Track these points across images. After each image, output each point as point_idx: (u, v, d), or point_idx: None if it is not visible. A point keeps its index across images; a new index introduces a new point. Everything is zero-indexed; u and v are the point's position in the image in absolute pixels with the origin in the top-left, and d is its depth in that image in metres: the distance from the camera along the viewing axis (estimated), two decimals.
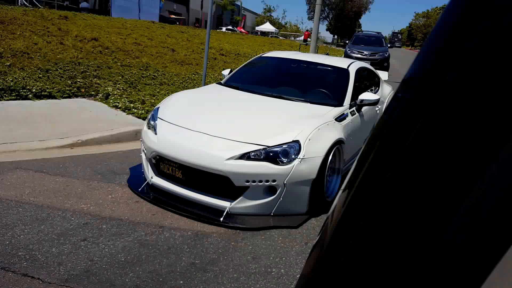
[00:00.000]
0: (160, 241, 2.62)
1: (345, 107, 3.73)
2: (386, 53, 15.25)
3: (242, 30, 50.19)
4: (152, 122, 3.48)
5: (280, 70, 4.65)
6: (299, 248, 2.69)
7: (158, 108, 3.64)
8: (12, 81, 6.14)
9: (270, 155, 2.92)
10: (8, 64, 7.00)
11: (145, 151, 3.35)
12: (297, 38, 55.87)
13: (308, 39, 35.05)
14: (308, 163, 2.94)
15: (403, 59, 31.32)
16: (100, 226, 2.73)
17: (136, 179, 3.50)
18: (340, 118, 3.53)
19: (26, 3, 24.45)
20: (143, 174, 3.54)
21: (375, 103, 3.88)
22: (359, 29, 57.44)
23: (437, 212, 0.37)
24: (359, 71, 4.39)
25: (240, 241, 2.71)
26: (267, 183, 2.90)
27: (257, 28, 60.50)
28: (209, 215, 2.96)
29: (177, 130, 3.20)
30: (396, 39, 64.96)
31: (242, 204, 2.96)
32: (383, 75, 5.53)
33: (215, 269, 2.37)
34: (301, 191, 2.98)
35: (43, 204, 2.94)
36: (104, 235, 2.62)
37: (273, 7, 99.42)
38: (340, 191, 0.51)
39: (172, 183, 3.21)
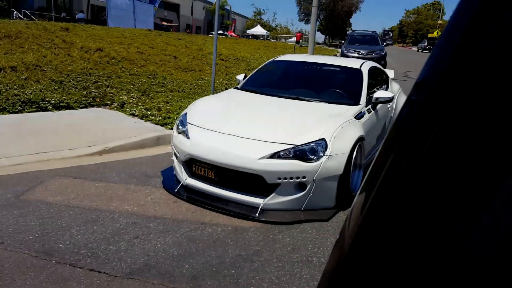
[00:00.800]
0: (205, 236, 2.85)
1: (361, 106, 3.98)
2: (383, 52, 15.57)
3: (233, 34, 50.42)
4: (181, 128, 3.71)
5: (294, 73, 4.90)
6: (333, 239, 2.93)
7: (185, 114, 3.86)
8: (31, 93, 6.33)
9: (299, 153, 3.16)
10: (24, 77, 7.19)
11: (178, 155, 3.57)
12: (288, 40, 56.27)
13: (300, 40, 35.46)
14: (334, 159, 3.18)
15: (396, 56, 31.75)
16: (147, 224, 2.95)
17: (169, 181, 3.72)
18: (359, 116, 3.78)
19: (20, 16, 24.59)
20: (175, 176, 3.77)
21: (389, 100, 4.14)
22: (350, 29, 57.99)
23: (459, 219, 0.36)
24: (371, 70, 4.65)
25: (278, 234, 2.95)
26: (298, 180, 3.14)
27: (248, 31, 60.77)
28: (245, 211, 3.19)
29: (209, 133, 3.43)
30: (387, 37, 65.65)
31: (274, 200, 3.19)
32: (389, 73, 5.79)
33: (260, 259, 2.60)
34: (329, 186, 3.22)
35: (90, 207, 3.16)
36: (153, 232, 2.85)
37: (263, 10, 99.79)
38: (358, 193, 0.53)
39: (205, 183, 3.44)
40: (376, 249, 0.43)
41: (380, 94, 4.16)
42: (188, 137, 3.50)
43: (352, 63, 4.78)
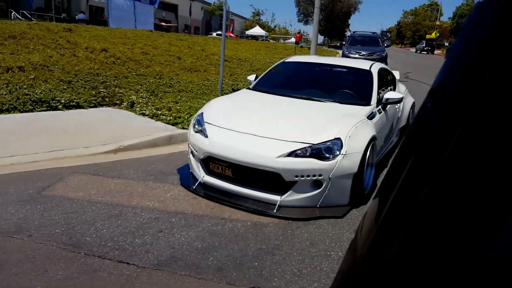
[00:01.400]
0: (226, 231, 2.94)
1: (373, 106, 4.08)
2: (384, 53, 15.70)
3: (231, 35, 50.57)
4: (198, 127, 3.80)
5: (305, 74, 5.01)
6: (349, 234, 3.03)
7: (201, 113, 3.95)
8: (40, 93, 6.40)
9: (316, 152, 3.26)
10: (32, 77, 7.26)
11: (196, 153, 3.66)
12: (287, 41, 56.44)
13: (300, 41, 35.60)
14: (350, 158, 3.28)
15: (395, 57, 31.95)
16: (170, 219, 3.04)
17: (186, 179, 3.81)
18: (371, 116, 3.88)
19: (19, 16, 24.62)
20: (191, 174, 3.85)
21: (399, 101, 4.25)
22: (348, 30, 58.20)
23: (480, 228, 0.35)
24: (380, 71, 4.76)
25: (295, 230, 3.04)
26: (314, 178, 3.24)
27: (247, 32, 60.90)
28: (262, 208, 3.28)
29: (227, 132, 3.52)
30: (385, 38, 66.00)
31: (291, 197, 3.29)
32: (395, 74, 5.91)
33: (281, 253, 2.70)
34: (344, 184, 3.31)
35: (112, 202, 3.25)
36: (176, 227, 2.94)
37: (262, 10, 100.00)
38: (372, 198, 0.53)
39: (222, 180, 3.53)
40: (393, 257, 0.42)
41: (390, 95, 4.27)
42: (206, 136, 3.59)
43: (361, 64, 4.88)
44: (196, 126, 3.83)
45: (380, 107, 4.23)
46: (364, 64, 4.83)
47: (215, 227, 2.99)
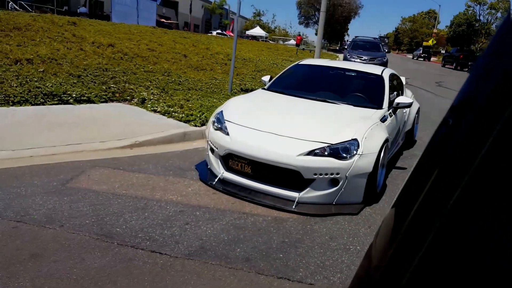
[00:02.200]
0: (249, 224, 3.06)
1: (385, 110, 4.23)
2: (385, 58, 15.92)
3: (231, 34, 50.68)
4: (218, 125, 3.91)
5: (319, 76, 5.14)
6: (365, 230, 3.16)
7: (221, 112, 4.06)
8: (51, 86, 6.47)
9: (334, 151, 3.39)
10: (42, 70, 7.31)
11: (216, 150, 3.77)
12: (286, 42, 56.66)
13: (300, 43, 35.79)
14: (365, 158, 3.42)
15: (393, 63, 32.24)
16: (194, 213, 3.16)
17: (205, 174, 3.92)
18: (383, 119, 4.03)
19: (16, 6, 24.48)
20: (209, 170, 3.97)
21: (409, 105, 4.40)
22: (347, 34, 58.55)
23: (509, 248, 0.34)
24: (390, 76, 4.91)
25: (314, 225, 3.17)
26: (331, 176, 3.37)
27: (248, 32, 61.00)
28: (281, 204, 3.40)
29: (248, 131, 3.64)
30: (382, 44, 66.50)
31: (309, 194, 3.42)
32: (402, 79, 6.07)
33: (303, 246, 2.82)
34: (359, 183, 3.45)
35: (136, 196, 3.35)
36: (201, 220, 3.05)
37: (263, 11, 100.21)
38: (391, 207, 0.52)
39: (241, 177, 3.65)
40: (412, 275, 0.42)
41: (401, 99, 4.42)
42: (227, 134, 3.71)
43: (373, 69, 5.04)
44: (216, 124, 3.94)
45: (391, 110, 4.38)
46: (375, 69, 4.99)
47: (238, 221, 3.11)
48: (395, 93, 5.22)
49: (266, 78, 5.21)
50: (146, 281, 2.27)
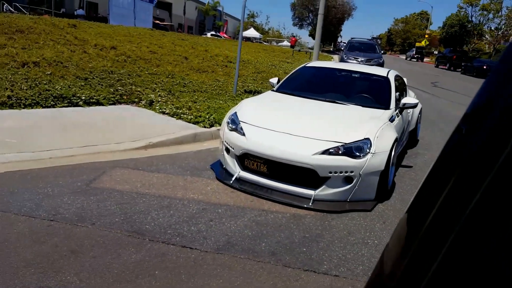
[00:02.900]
0: (270, 221, 3.20)
1: (392, 110, 4.40)
2: (381, 59, 16.18)
3: (225, 35, 50.77)
4: (232, 125, 4.05)
5: (326, 78, 5.31)
6: (380, 225, 3.32)
7: (235, 113, 4.20)
8: (60, 89, 6.56)
9: (347, 150, 3.55)
10: (49, 73, 7.40)
11: (232, 150, 3.91)
12: (280, 43, 56.89)
13: (295, 45, 36.00)
14: (378, 157, 3.58)
15: (387, 64, 32.59)
16: (216, 210, 3.29)
17: (221, 174, 4.05)
18: (392, 119, 4.20)
19: (11, 9, 24.38)
20: (224, 169, 4.10)
21: (415, 106, 4.58)
22: (340, 35, 58.90)
23: None
24: (395, 77, 5.10)
25: (331, 221, 3.33)
26: (346, 174, 3.53)
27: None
28: (298, 201, 3.55)
29: (264, 131, 3.79)
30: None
31: (324, 191, 3.57)
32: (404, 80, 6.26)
33: (324, 240, 2.97)
34: (372, 180, 3.61)
35: (159, 195, 3.48)
36: (224, 217, 3.19)
37: (256, 13, 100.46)
38: (404, 215, 0.52)
39: (257, 176, 3.79)
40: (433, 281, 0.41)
41: (407, 100, 4.60)
42: (243, 134, 3.85)
43: (378, 71, 5.21)
44: (231, 125, 4.08)
45: (397, 111, 4.55)
46: (381, 71, 5.16)
47: (259, 217, 3.25)
48: (397, 93, 5.40)
49: (274, 80, 5.36)
50: (181, 273, 2.40)
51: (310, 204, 3.50)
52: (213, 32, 51.23)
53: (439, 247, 0.41)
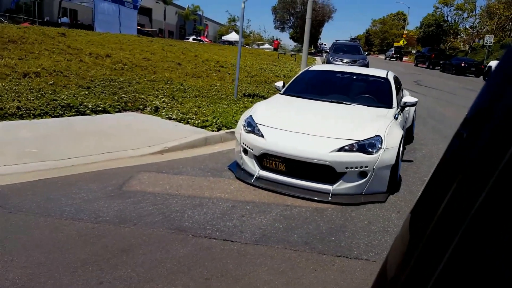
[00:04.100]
0: (296, 215, 3.46)
1: (395, 109, 4.73)
2: (366, 60, 16.69)
3: (206, 40, 50.92)
4: (249, 128, 4.29)
5: (330, 80, 5.62)
6: (395, 215, 3.62)
7: (250, 116, 4.44)
8: (66, 98, 6.67)
9: (361, 147, 3.84)
10: (51, 82, 7.48)
11: (251, 150, 4.15)
12: (261, 46, 57.37)
13: (278, 47, 36.41)
14: (389, 152, 3.88)
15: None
16: (245, 207, 3.53)
17: (240, 174, 4.29)
18: (396, 117, 4.53)
19: None
20: (243, 169, 4.34)
21: (415, 104, 4.93)
22: (319, 37, 59.83)
23: None
24: (394, 78, 5.45)
25: (351, 212, 3.61)
26: (361, 169, 3.82)
27: (224, 37, 61.28)
28: (317, 196, 3.82)
29: (282, 132, 4.05)
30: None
31: (341, 186, 3.85)
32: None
33: (348, 230, 3.25)
34: (384, 174, 3.91)
35: (189, 195, 3.69)
36: (253, 212, 3.43)
37: (237, 16, 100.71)
38: (407, 218, 0.54)
39: (277, 174, 4.04)
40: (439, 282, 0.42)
41: (407, 99, 4.94)
42: (261, 136, 4.10)
43: (378, 72, 5.56)
44: (247, 127, 4.32)
45: (399, 109, 4.89)
46: (380, 72, 5.51)
47: (285, 212, 3.50)
48: (400, 92, 5.75)
49: (279, 84, 5.64)
50: (229, 263, 2.63)
51: (330, 198, 3.78)
52: (194, 37, 51.27)
53: (442, 251, 0.42)
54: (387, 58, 49.96)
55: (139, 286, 2.32)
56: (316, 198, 3.80)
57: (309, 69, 5.94)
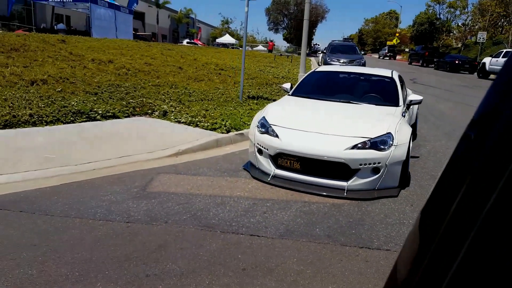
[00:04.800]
0: (315, 210, 3.63)
1: (401, 107, 4.93)
2: (362, 60, 16.93)
3: (199, 43, 51.08)
4: (262, 129, 4.45)
5: (336, 81, 5.81)
6: (409, 208, 3.81)
7: (263, 118, 4.60)
8: (77, 105, 6.80)
9: (373, 144, 4.02)
10: (59, 89, 7.60)
11: (266, 150, 4.32)
12: (254, 48, 57.65)
13: (272, 49, 36.67)
14: (400, 148, 4.07)
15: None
16: (265, 204, 3.69)
17: (256, 173, 4.45)
18: (403, 115, 4.72)
19: None
20: (258, 169, 4.50)
21: (420, 102, 5.13)
22: (313, 37, 60.29)
23: None
24: (398, 77, 5.65)
25: (367, 207, 3.78)
26: (374, 165, 3.99)
27: (218, 40, 61.45)
28: (334, 192, 3.99)
29: (296, 132, 4.22)
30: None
31: (356, 182, 4.03)
32: None
33: (367, 223, 3.42)
34: (396, 169, 4.09)
35: (210, 194, 3.85)
36: (274, 209, 3.59)
37: (231, 19, 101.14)
38: (416, 222, 0.55)
39: (292, 172, 4.21)
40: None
41: (413, 97, 5.14)
42: (276, 136, 4.26)
43: (383, 71, 5.75)
44: (261, 128, 4.49)
45: (405, 107, 5.09)
46: (385, 72, 5.71)
47: (304, 208, 3.67)
48: (404, 90, 5.94)
49: (287, 85, 5.82)
50: (260, 256, 2.80)
51: (345, 194, 3.95)
52: (188, 40, 51.41)
53: (454, 253, 0.42)
54: (381, 57, 50.40)
55: (183, 277, 2.47)
56: (332, 194, 3.97)
57: (316, 70, 6.12)
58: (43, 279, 2.41)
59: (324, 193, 3.99)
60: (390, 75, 5.53)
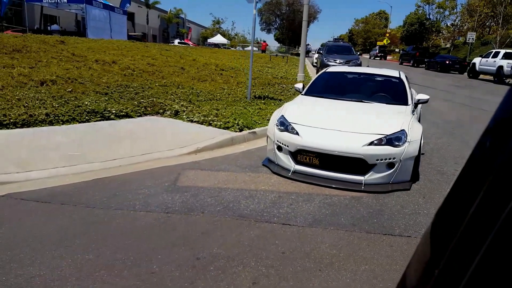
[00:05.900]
0: (336, 202, 3.89)
1: (411, 106, 5.22)
2: (358, 60, 17.29)
3: (190, 43, 51.13)
4: (282, 127, 4.70)
5: (347, 81, 6.09)
6: (422, 200, 4.09)
7: (282, 116, 4.85)
8: (90, 104, 6.96)
9: (389, 140, 4.30)
10: (70, 90, 7.74)
11: (286, 147, 4.57)
12: (246, 48, 57.96)
13: (265, 49, 36.99)
14: (413, 144, 4.35)
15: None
16: (290, 197, 3.94)
17: (276, 169, 4.69)
18: (413, 113, 5.01)
19: None
20: (277, 165, 4.74)
21: (427, 101, 5.43)
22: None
23: None
24: (405, 77, 5.96)
25: (384, 199, 4.06)
26: (389, 160, 4.27)
27: (209, 40, 61.52)
28: (351, 186, 4.26)
29: (315, 130, 4.48)
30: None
31: (372, 176, 4.30)
32: None
33: (386, 213, 3.70)
34: (409, 164, 4.38)
35: (238, 188, 4.08)
36: (299, 201, 3.84)
37: (222, 19, 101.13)
38: (427, 230, 0.55)
39: (311, 168, 4.47)
40: None
41: (420, 96, 5.44)
42: (296, 133, 4.51)
43: (390, 72, 6.06)
44: (280, 126, 4.73)
45: (413, 106, 5.39)
46: (393, 72, 6.02)
47: (326, 200, 3.93)
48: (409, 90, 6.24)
49: (299, 85, 6.08)
50: (295, 241, 3.04)
51: (363, 187, 4.22)
52: (179, 40, 51.40)
53: (467, 264, 0.41)
54: (372, 57, 51.06)
55: (230, 259, 2.72)
56: (351, 188, 4.23)
57: (326, 71, 6.40)
58: (101, 262, 2.62)
59: (344, 187, 4.25)
60: (398, 75, 5.84)
